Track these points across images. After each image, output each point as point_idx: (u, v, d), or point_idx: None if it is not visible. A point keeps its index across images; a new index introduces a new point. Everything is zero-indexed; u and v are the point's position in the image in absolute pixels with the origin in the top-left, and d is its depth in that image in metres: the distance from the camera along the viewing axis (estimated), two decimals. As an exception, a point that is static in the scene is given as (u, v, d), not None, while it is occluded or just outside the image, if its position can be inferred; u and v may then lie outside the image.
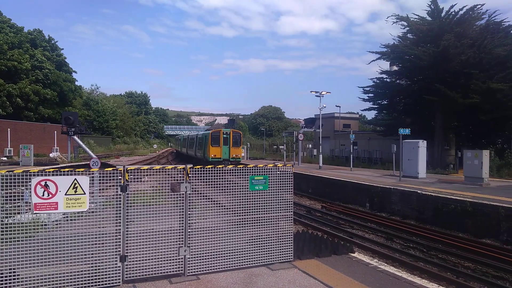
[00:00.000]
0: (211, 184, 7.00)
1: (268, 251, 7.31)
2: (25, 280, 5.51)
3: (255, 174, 7.22)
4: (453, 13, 31.56)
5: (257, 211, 7.21)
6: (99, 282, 5.93)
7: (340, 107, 49.67)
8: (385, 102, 38.34)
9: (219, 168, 7.00)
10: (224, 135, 31.95)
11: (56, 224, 6.08)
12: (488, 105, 27.84)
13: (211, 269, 6.78)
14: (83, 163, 28.22)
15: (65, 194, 5.71)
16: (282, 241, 7.46)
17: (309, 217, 15.72)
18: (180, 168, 6.79)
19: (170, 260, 6.52)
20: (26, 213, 5.71)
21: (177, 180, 6.73)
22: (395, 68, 38.02)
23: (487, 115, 28.17)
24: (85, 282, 5.83)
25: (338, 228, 13.81)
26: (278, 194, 7.41)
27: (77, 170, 5.90)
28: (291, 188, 7.54)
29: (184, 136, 59.73)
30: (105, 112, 75.03)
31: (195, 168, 6.78)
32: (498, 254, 10.38)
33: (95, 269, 5.93)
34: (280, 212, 7.45)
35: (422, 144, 21.59)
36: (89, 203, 5.91)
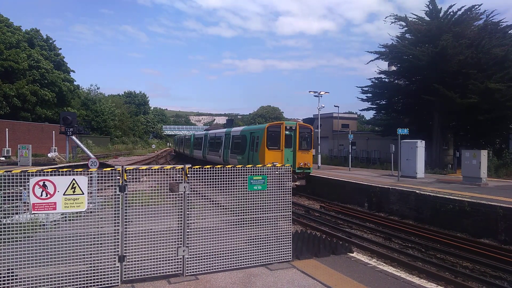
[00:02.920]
0: (210, 184, 7.00)
1: (267, 251, 7.31)
2: (24, 280, 5.50)
3: (253, 174, 7.22)
4: (451, 13, 31.64)
5: (255, 211, 7.21)
6: (97, 282, 5.92)
7: (338, 107, 49.72)
8: (384, 102, 38.39)
9: (218, 168, 7.00)
10: (287, 132, 20.69)
11: (55, 224, 6.07)
12: (486, 105, 27.90)
13: (209, 269, 6.77)
14: (82, 163, 28.17)
15: (64, 194, 5.70)
16: (281, 241, 7.46)
17: (308, 217, 15.73)
18: (179, 168, 6.79)
19: (168, 260, 6.51)
20: (24, 213, 5.69)
21: (176, 180, 6.73)
22: (393, 68, 38.06)
23: (485, 115, 28.23)
24: (83, 282, 5.82)
25: (337, 228, 13.82)
26: (277, 194, 7.41)
27: (75, 170, 5.89)
28: (290, 188, 7.55)
29: (190, 135, 45.32)
30: (104, 112, 74.90)
31: (194, 168, 6.78)
32: (496, 254, 10.40)
33: (94, 269, 5.92)
34: (279, 212, 7.45)
35: (421, 144, 21.62)
36: (88, 203, 5.90)
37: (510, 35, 31.01)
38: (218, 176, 6.95)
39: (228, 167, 7.09)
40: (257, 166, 7.38)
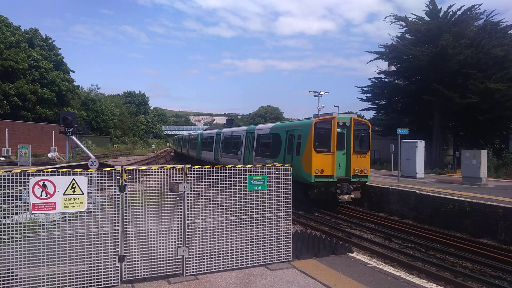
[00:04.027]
0: (210, 184, 7.00)
1: (267, 251, 7.31)
2: (23, 280, 5.50)
3: (253, 174, 7.22)
4: (451, 13, 31.65)
5: (255, 211, 7.21)
6: (97, 282, 5.92)
7: (338, 107, 49.67)
8: (384, 102, 38.40)
9: (218, 168, 6.99)
10: (339, 129, 16.23)
11: (54, 224, 6.07)
12: (486, 105, 27.92)
13: (209, 269, 6.78)
14: (81, 163, 28.16)
15: (63, 194, 5.70)
16: (281, 241, 7.47)
17: (307, 217, 15.72)
18: (179, 168, 6.79)
19: (168, 260, 6.51)
20: (24, 213, 5.69)
21: (176, 180, 6.73)
22: (393, 68, 38.05)
23: (485, 115, 28.24)
24: (83, 282, 5.82)
25: (337, 228, 13.82)
26: (277, 194, 7.42)
27: (75, 170, 5.89)
28: (290, 188, 7.55)
29: (196, 134, 39.87)
30: (104, 112, 74.89)
31: (194, 168, 6.78)
32: (496, 253, 10.40)
33: (94, 269, 5.92)
34: (279, 212, 7.46)
35: (420, 144, 21.62)
36: (87, 203, 5.90)
37: (510, 35, 31.03)
38: (218, 176, 6.95)
39: (228, 167, 7.09)
40: (257, 166, 7.38)
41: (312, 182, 15.42)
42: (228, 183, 7.03)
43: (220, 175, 6.96)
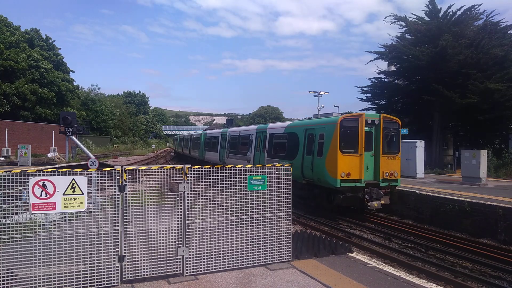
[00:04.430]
0: (210, 184, 7.00)
1: (267, 251, 7.31)
2: (23, 280, 5.50)
3: (253, 174, 7.22)
4: (450, 13, 31.66)
5: (255, 211, 7.21)
6: (97, 282, 5.92)
7: (338, 107, 49.91)
8: (383, 102, 38.40)
9: (217, 168, 6.99)
10: (367, 128, 14.59)
11: (54, 224, 6.07)
12: (485, 105, 27.93)
13: (209, 269, 6.78)
14: (81, 163, 28.16)
15: (63, 194, 5.70)
16: (281, 241, 7.47)
17: (307, 217, 15.71)
18: (178, 168, 6.79)
19: (168, 260, 6.52)
20: (24, 213, 5.69)
21: (176, 180, 6.73)
22: (393, 68, 38.06)
23: (484, 115, 28.26)
24: (83, 282, 5.82)
25: (337, 228, 13.82)
26: (277, 194, 7.42)
27: (75, 170, 5.89)
28: (290, 188, 7.55)
29: (199, 134, 37.42)
30: (103, 112, 74.90)
31: (194, 168, 6.78)
32: (496, 253, 10.41)
33: (93, 269, 5.92)
34: (279, 212, 7.46)
35: (420, 144, 21.62)
36: (87, 203, 5.90)
37: (510, 35, 31.05)
38: (218, 176, 6.95)
39: (228, 167, 7.09)
40: (257, 166, 7.38)
41: (338, 187, 13.70)
42: (228, 183, 7.03)
43: (220, 175, 6.96)
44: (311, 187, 15.83)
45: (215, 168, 6.96)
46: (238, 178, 7.10)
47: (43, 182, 5.59)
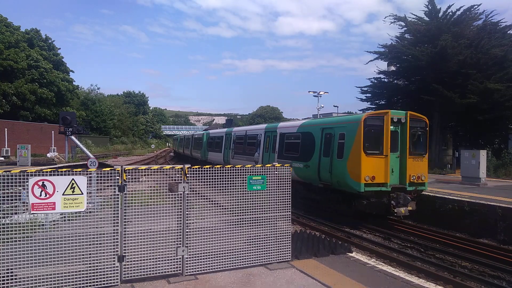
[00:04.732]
0: (209, 184, 7.00)
1: (266, 251, 7.32)
2: (23, 280, 5.50)
3: (253, 174, 7.23)
4: (450, 13, 31.67)
5: (255, 211, 7.22)
6: (97, 282, 5.92)
7: (338, 107, 49.94)
8: (383, 102, 38.40)
9: (217, 168, 7.00)
10: (392, 127, 13.40)
11: (54, 224, 6.07)
12: (485, 105, 27.94)
13: (209, 269, 6.78)
14: (81, 163, 28.15)
15: (63, 194, 5.70)
16: (280, 241, 7.47)
17: (307, 217, 15.72)
18: (178, 168, 6.80)
19: (168, 260, 6.52)
20: (24, 213, 5.69)
21: (175, 180, 6.73)
22: (392, 68, 38.06)
23: (484, 115, 28.27)
24: (82, 282, 5.82)
25: (336, 228, 13.82)
26: (276, 194, 7.42)
27: (74, 170, 5.89)
28: (289, 188, 7.56)
29: (201, 134, 36.15)
30: (103, 112, 74.90)
31: (193, 168, 6.79)
32: (495, 253, 10.42)
33: (93, 269, 5.93)
34: (278, 212, 7.46)
35: (420, 144, 21.55)
36: (87, 203, 5.90)
37: (509, 35, 31.06)
38: (218, 176, 6.96)
39: (228, 167, 7.10)
40: (256, 166, 7.38)
41: (361, 191, 12.53)
42: (228, 183, 7.03)
43: (220, 175, 6.97)
44: (328, 191, 14.67)
45: (215, 168, 6.97)
46: (238, 178, 7.10)
47: (43, 182, 5.59)
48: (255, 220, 7.22)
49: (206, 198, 7.42)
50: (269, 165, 7.49)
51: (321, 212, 15.62)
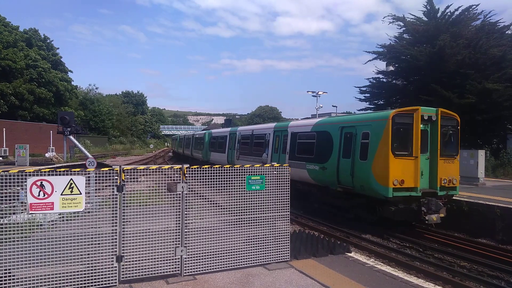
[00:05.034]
0: (208, 184, 6.99)
1: (265, 251, 7.31)
2: (21, 280, 5.48)
3: (251, 174, 7.22)
4: (448, 13, 31.71)
5: (254, 211, 7.21)
6: (95, 282, 5.91)
7: (336, 107, 49.74)
8: (382, 102, 38.42)
9: (216, 168, 6.99)
10: (422, 125, 12.39)
11: (52, 225, 6.05)
12: (483, 105, 27.97)
13: (208, 269, 6.77)
14: (79, 163, 28.10)
15: (61, 194, 5.69)
16: (279, 241, 7.47)
17: (305, 216, 15.71)
18: (177, 168, 6.78)
19: (166, 260, 6.51)
20: (22, 213, 5.67)
21: (174, 180, 6.72)
22: (391, 68, 38.08)
23: (482, 115, 28.29)
24: (81, 282, 5.81)
25: (335, 228, 13.81)
26: (275, 194, 7.41)
27: (73, 170, 5.88)
28: (288, 188, 7.55)
29: (202, 133, 34.79)
30: (102, 112, 74.82)
31: (192, 168, 6.78)
32: (494, 253, 10.44)
33: (91, 270, 5.91)
34: (277, 212, 7.46)
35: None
36: (85, 203, 5.89)
37: (508, 35, 31.11)
38: (216, 176, 6.95)
39: (226, 167, 7.09)
40: (255, 166, 7.37)
41: (389, 197, 11.47)
42: (227, 183, 7.03)
43: (218, 175, 6.96)
44: (349, 196, 13.58)
45: (214, 168, 6.96)
46: (237, 178, 7.09)
47: (41, 182, 5.58)
48: (254, 220, 7.21)
49: (205, 198, 7.41)
50: (268, 165, 7.49)
51: (340, 218, 14.40)
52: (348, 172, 13.12)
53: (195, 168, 6.79)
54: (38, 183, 5.56)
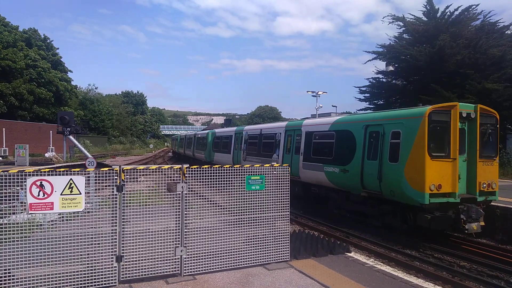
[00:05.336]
0: (208, 184, 6.99)
1: (265, 251, 7.31)
2: (21, 281, 5.48)
3: (251, 174, 7.22)
4: (448, 13, 31.74)
5: (253, 211, 7.21)
6: (95, 282, 5.91)
7: (336, 107, 49.79)
8: (381, 102, 38.43)
9: (216, 168, 6.99)
10: (461, 124, 11.15)
11: (52, 225, 6.05)
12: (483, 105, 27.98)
13: (207, 269, 6.77)
14: (79, 163, 28.09)
15: (61, 194, 5.69)
16: (279, 241, 7.47)
17: (305, 216, 15.72)
18: (177, 168, 6.79)
19: (166, 260, 6.51)
20: (21, 213, 5.67)
21: (174, 180, 6.72)
22: (391, 68, 38.11)
23: (482, 115, 28.29)
24: (81, 282, 5.81)
25: (335, 228, 13.82)
26: (275, 194, 7.41)
27: (72, 170, 5.87)
28: (288, 188, 7.55)
29: (205, 133, 33.37)
30: (101, 112, 74.80)
31: (192, 168, 6.78)
32: (493, 253, 10.44)
33: (91, 270, 5.91)
34: (277, 212, 7.46)
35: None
36: (85, 203, 5.89)
37: (507, 36, 31.12)
38: (216, 176, 6.95)
39: (226, 167, 7.09)
40: (255, 166, 7.37)
41: (425, 204, 10.36)
42: (226, 183, 7.03)
43: (218, 175, 6.96)
44: (376, 201, 12.44)
45: (213, 168, 6.96)
46: (237, 178, 7.09)
47: (41, 182, 5.57)
48: (253, 220, 7.22)
49: (205, 198, 7.42)
50: (268, 165, 7.49)
51: (365, 227, 13.30)
52: (374, 175, 11.99)
53: (194, 168, 6.79)
54: (38, 183, 5.56)
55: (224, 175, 7.00)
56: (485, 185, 11.16)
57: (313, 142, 15.83)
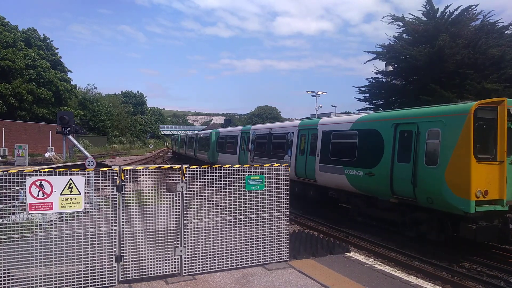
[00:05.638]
0: (207, 184, 6.99)
1: (264, 251, 7.31)
2: (20, 281, 5.48)
3: (251, 174, 7.22)
4: (448, 13, 31.75)
5: (253, 211, 7.21)
6: (94, 282, 5.91)
7: (336, 107, 49.77)
8: (381, 102, 38.43)
9: (215, 168, 6.99)
10: (509, 120, 9.69)
11: (51, 224, 6.05)
12: (483, 105, 27.99)
13: (207, 269, 6.77)
14: (79, 163, 28.07)
15: (60, 194, 5.69)
16: (278, 241, 7.47)
17: (305, 216, 15.71)
18: (176, 168, 6.79)
19: (166, 260, 6.51)
20: (21, 213, 5.67)
21: (173, 180, 6.72)
22: (390, 68, 38.11)
23: (482, 115, 28.28)
24: (80, 282, 5.81)
25: (335, 228, 13.81)
26: (275, 194, 7.41)
27: (72, 170, 5.87)
28: (287, 188, 7.55)
29: (208, 133, 31.74)
30: (101, 112, 74.76)
31: (191, 168, 6.78)
32: (493, 253, 10.43)
33: (91, 270, 5.91)
34: (277, 212, 7.46)
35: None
36: (85, 203, 5.89)
37: (507, 36, 31.13)
38: (216, 176, 6.95)
39: (226, 167, 7.09)
40: (254, 166, 7.37)
41: (471, 212, 9.16)
42: (226, 183, 7.02)
43: (218, 175, 6.96)
44: (407, 209, 11.27)
45: (213, 168, 6.96)
46: (236, 178, 7.09)
47: (40, 182, 5.57)
48: (253, 220, 7.22)
49: (205, 198, 7.42)
50: (267, 165, 7.49)
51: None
52: (407, 180, 10.76)
53: (194, 168, 6.79)
54: (38, 183, 5.55)
55: (223, 175, 7.00)
56: None
57: (332, 143, 14.54)
